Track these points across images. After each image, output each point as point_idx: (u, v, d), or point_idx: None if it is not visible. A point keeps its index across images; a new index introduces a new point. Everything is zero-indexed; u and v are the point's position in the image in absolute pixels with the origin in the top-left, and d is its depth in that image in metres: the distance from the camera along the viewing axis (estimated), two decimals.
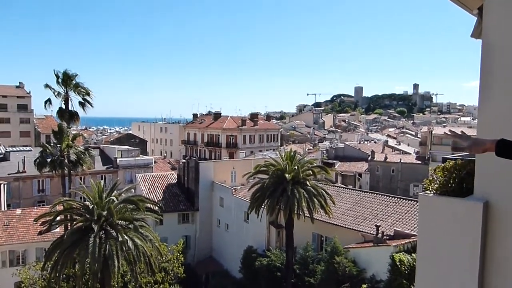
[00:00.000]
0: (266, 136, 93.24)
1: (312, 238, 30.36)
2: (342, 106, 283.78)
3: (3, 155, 54.84)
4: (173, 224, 41.88)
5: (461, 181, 4.86)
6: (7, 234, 36.79)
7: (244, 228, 38.15)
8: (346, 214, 29.73)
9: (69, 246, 21.68)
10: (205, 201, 43.39)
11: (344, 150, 73.38)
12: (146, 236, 23.47)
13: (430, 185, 5.24)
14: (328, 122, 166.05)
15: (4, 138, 75.66)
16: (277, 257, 30.62)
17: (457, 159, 5.30)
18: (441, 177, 5.10)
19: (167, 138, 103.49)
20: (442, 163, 5.41)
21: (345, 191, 34.09)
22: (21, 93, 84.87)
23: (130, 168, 59.70)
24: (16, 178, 51.62)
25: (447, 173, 5.08)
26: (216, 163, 48.43)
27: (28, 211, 40.48)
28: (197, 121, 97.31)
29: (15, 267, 33.56)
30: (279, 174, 28.20)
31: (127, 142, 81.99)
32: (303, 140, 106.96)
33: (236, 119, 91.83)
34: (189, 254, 40.02)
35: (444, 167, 5.21)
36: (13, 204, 48.92)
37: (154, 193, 43.93)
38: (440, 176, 5.14)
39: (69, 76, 35.95)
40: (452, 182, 4.90)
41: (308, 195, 26.98)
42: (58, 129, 36.73)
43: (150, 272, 24.21)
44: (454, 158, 5.39)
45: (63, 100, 36.21)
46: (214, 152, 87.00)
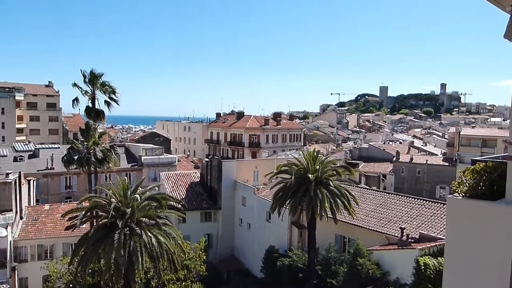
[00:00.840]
0: (289, 135, 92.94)
1: (335, 239, 30.04)
2: (366, 106, 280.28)
3: (32, 152, 56.52)
4: (196, 222, 42.24)
5: (492, 184, 4.70)
6: (36, 228, 37.91)
7: (266, 227, 38.13)
8: (369, 215, 29.31)
9: (95, 241, 22.15)
10: (228, 200, 43.58)
11: (368, 150, 72.42)
12: (170, 233, 23.73)
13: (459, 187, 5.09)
14: (352, 122, 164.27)
15: (34, 136, 78.16)
16: (299, 257, 30.45)
17: (487, 161, 5.12)
18: (471, 179, 4.94)
19: (191, 137, 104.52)
20: (472, 165, 5.25)
21: (368, 192, 33.60)
22: (50, 92, 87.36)
23: (154, 166, 60.55)
24: (45, 174, 53.11)
25: (477, 175, 4.91)
26: (238, 162, 48.58)
27: (55, 206, 41.61)
28: (220, 120, 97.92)
29: (43, 261, 34.56)
30: (301, 174, 28.01)
31: (152, 140, 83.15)
32: (326, 140, 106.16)
33: (259, 118, 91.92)
34: (211, 252, 40.29)
35: (473, 169, 5.04)
36: (41, 199, 50.35)
37: (178, 191, 44.42)
38: (469, 178, 4.98)
39: (95, 75, 36.63)
40: (482, 185, 4.74)
41: (331, 196, 26.70)
42: (85, 127, 37.52)
43: (173, 269, 24.47)
44: (484, 160, 5.21)
45: (90, 99, 36.94)
46: (236, 151, 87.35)
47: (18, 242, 36.08)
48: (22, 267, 35.51)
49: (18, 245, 36.11)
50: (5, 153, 54.82)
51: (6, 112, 76.15)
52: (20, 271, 35.08)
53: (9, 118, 76.43)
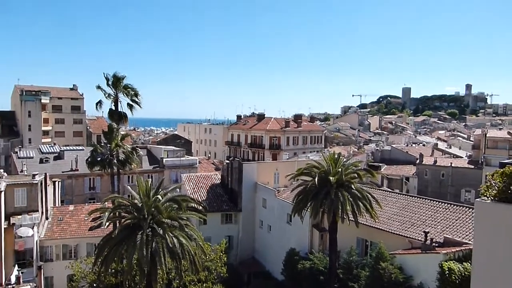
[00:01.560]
0: (310, 137, 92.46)
1: (356, 243, 29.63)
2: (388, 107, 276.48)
3: (58, 154, 57.90)
4: (217, 224, 42.39)
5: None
6: (61, 229, 38.76)
7: (287, 230, 37.97)
8: (392, 219, 28.82)
9: (118, 242, 22.46)
10: (248, 202, 43.61)
11: (391, 153, 71.42)
12: (191, 235, 23.87)
13: (487, 191, 4.94)
14: (374, 124, 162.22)
15: (59, 138, 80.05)
16: (320, 260, 30.20)
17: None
18: (500, 182, 4.78)
19: (211, 139, 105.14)
20: (500, 168, 5.09)
21: (391, 195, 33.04)
22: (75, 95, 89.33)
23: (175, 168, 61.16)
24: (69, 176, 54.31)
25: (506, 178, 4.76)
26: (259, 164, 48.54)
27: (80, 207, 42.47)
28: (241, 123, 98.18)
29: (68, 261, 35.29)
30: (322, 177, 27.77)
31: (173, 142, 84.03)
32: (348, 142, 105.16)
33: (279, 120, 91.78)
34: (231, 254, 40.35)
35: (503, 172, 4.88)
36: (66, 200, 51.50)
37: (198, 193, 44.70)
38: (498, 181, 4.83)
39: (118, 78, 37.23)
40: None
41: (352, 199, 26.38)
42: (108, 129, 38.20)
43: (194, 270, 24.59)
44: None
45: (113, 102, 37.56)
46: (257, 153, 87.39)
47: (44, 241, 36.95)
48: (47, 266, 36.33)
49: (44, 245, 36.98)
50: (32, 154, 56.35)
51: (32, 115, 78.21)
52: (45, 270, 35.89)
53: (35, 120, 78.49)
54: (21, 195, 34.81)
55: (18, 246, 33.65)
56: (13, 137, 75.83)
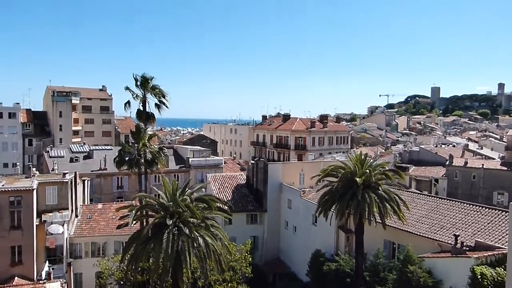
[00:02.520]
0: (336, 138, 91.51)
1: (384, 245, 29.08)
2: (417, 107, 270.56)
3: (87, 153, 59.36)
4: (242, 224, 42.47)
5: None
6: (90, 226, 39.67)
7: (312, 231, 37.66)
8: (420, 221, 28.12)
9: (144, 240, 22.80)
10: (273, 203, 43.50)
11: (419, 153, 69.78)
12: (216, 234, 23.98)
13: None
14: (402, 124, 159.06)
15: (88, 138, 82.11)
16: (346, 262, 29.79)
17: None
18: None
19: (237, 139, 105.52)
20: None
21: (419, 197, 32.25)
22: (104, 96, 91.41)
23: (201, 168, 61.68)
24: (98, 175, 55.57)
25: None
26: (284, 165, 48.38)
27: (108, 206, 43.37)
28: (266, 123, 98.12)
29: (96, 258, 36.12)
30: (349, 178, 27.38)
31: (199, 142, 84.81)
32: (375, 143, 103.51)
33: (305, 120, 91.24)
34: (256, 255, 40.34)
35: None
36: (95, 199, 52.73)
37: (224, 193, 44.91)
38: None
39: (146, 79, 37.72)
40: None
41: (379, 200, 25.88)
42: (136, 129, 38.78)
43: (219, 270, 24.71)
44: None
45: (141, 102, 38.11)
46: (282, 154, 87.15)
47: (73, 239, 37.91)
48: (77, 263, 37.26)
49: (73, 242, 37.95)
50: (63, 154, 57.97)
51: (63, 115, 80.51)
52: (75, 267, 36.79)
53: (66, 120, 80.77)
54: (52, 193, 35.83)
55: (49, 243, 34.63)
56: (45, 136, 78.29)
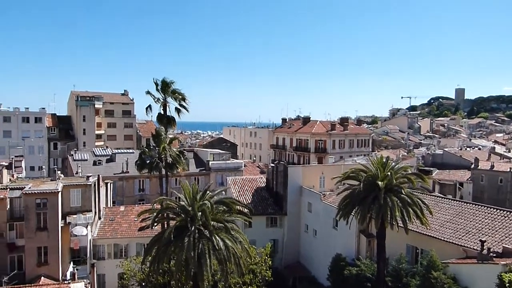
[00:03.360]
0: (357, 141, 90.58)
1: (406, 250, 28.54)
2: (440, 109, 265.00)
3: (110, 157, 60.36)
4: (262, 227, 42.40)
5: None
6: (113, 228, 40.26)
7: (333, 235, 37.28)
8: (444, 226, 27.50)
9: (166, 243, 22.97)
10: (293, 206, 43.28)
11: (443, 157, 68.44)
12: (236, 237, 23.99)
13: None
14: (425, 127, 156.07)
15: (111, 141, 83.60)
16: (367, 267, 29.37)
17: None
18: None
19: (257, 142, 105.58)
20: None
21: (443, 201, 31.55)
22: (126, 100, 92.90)
23: (221, 171, 61.92)
24: (120, 177, 56.41)
25: None
26: (304, 168, 48.11)
27: (130, 208, 43.95)
28: (286, 126, 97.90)
29: (119, 259, 36.62)
30: (370, 181, 26.99)
31: (219, 145, 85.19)
32: (397, 146, 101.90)
33: (325, 123, 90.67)
34: (276, 258, 40.19)
35: None
36: (117, 201, 53.50)
37: (244, 196, 44.94)
38: None
39: (167, 83, 38.21)
40: None
41: (402, 204, 25.43)
42: (156, 133, 39.25)
43: (239, 273, 24.69)
44: None
45: (162, 106, 38.59)
46: (302, 157, 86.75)
47: (96, 240, 38.54)
48: (100, 264, 37.86)
49: (96, 244, 38.57)
50: (86, 157, 59.11)
51: (87, 119, 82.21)
52: (98, 268, 37.42)
53: (89, 124, 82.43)
54: (76, 195, 36.53)
55: (73, 244, 35.31)
56: (69, 140, 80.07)
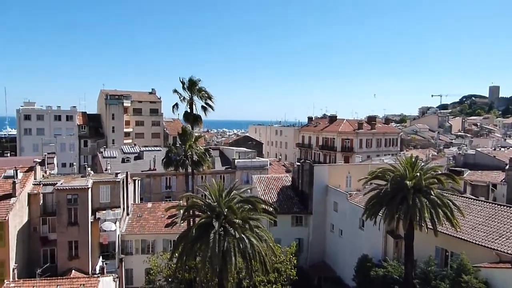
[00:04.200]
0: (384, 140, 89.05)
1: (435, 252, 27.86)
2: (473, 108, 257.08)
3: (138, 154, 61.49)
4: (287, 226, 42.27)
5: None
6: (140, 224, 41.01)
7: (359, 235, 36.80)
8: (476, 228, 26.67)
9: (192, 240, 23.23)
10: (319, 205, 42.96)
11: (475, 157, 66.22)
12: (261, 236, 24.02)
13: None
14: (456, 126, 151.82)
15: (139, 139, 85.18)
16: (394, 268, 28.85)
17: None
18: None
19: (282, 140, 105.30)
20: None
21: (475, 203, 30.61)
22: (153, 99, 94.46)
23: (246, 169, 62.08)
24: (148, 175, 57.38)
25: None
26: (330, 167, 47.64)
27: (157, 205, 44.66)
28: (312, 124, 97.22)
29: (146, 255, 37.30)
30: (398, 181, 26.48)
31: (244, 144, 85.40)
32: (426, 145, 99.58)
33: (352, 122, 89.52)
34: (301, 257, 40.01)
35: None
36: (145, 198, 54.44)
37: (269, 194, 44.92)
38: None
39: (193, 81, 38.56)
40: None
41: (431, 205, 24.82)
42: (183, 131, 39.67)
43: (264, 271, 24.70)
44: None
45: (188, 104, 38.98)
46: (328, 156, 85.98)
47: (125, 236, 39.34)
48: (128, 259, 38.64)
49: (124, 239, 39.37)
50: (115, 154, 60.43)
51: (116, 118, 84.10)
52: (126, 263, 38.21)
53: (118, 123, 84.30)
54: (105, 192, 37.41)
55: (102, 239, 36.20)
56: (99, 138, 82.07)
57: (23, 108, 78.37)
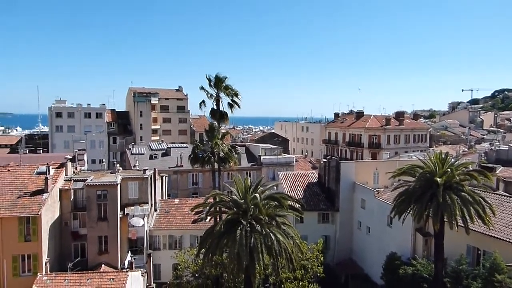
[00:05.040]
0: (413, 136, 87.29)
1: (467, 251, 27.10)
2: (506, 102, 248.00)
3: (165, 151, 62.39)
4: (313, 223, 42.04)
5: None
6: (168, 220, 41.60)
7: (387, 232, 36.21)
8: (510, 226, 25.78)
9: (219, 236, 23.41)
10: (346, 202, 42.51)
11: (508, 153, 64.09)
12: (288, 232, 23.97)
13: None
14: (488, 121, 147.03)
15: (166, 136, 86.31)
16: (424, 267, 28.27)
17: None
18: None
19: (308, 137, 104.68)
20: None
21: (509, 200, 29.58)
22: (180, 96, 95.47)
23: (272, 166, 62.04)
24: (175, 171, 58.14)
25: None
26: (358, 164, 47.02)
27: (184, 201, 45.18)
28: (338, 120, 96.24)
29: (173, 250, 37.82)
30: (428, 178, 25.89)
31: (270, 140, 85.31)
32: (456, 141, 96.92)
33: (379, 118, 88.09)
34: (328, 254, 39.72)
35: None
36: (172, 194, 55.21)
37: (295, 191, 44.76)
38: None
39: (220, 79, 38.73)
40: None
41: (462, 202, 24.15)
42: (209, 128, 39.95)
43: (290, 268, 24.69)
44: None
45: (215, 101, 39.21)
46: (355, 152, 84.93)
47: (152, 231, 40.01)
48: (155, 254, 39.26)
49: (152, 234, 40.04)
50: (143, 151, 61.49)
51: (143, 115, 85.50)
52: (154, 258, 38.81)
53: (146, 120, 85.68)
54: (133, 188, 38.11)
55: (131, 235, 36.92)
56: (127, 135, 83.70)
57: (55, 106, 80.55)
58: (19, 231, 30.38)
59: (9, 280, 30.04)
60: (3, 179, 33.21)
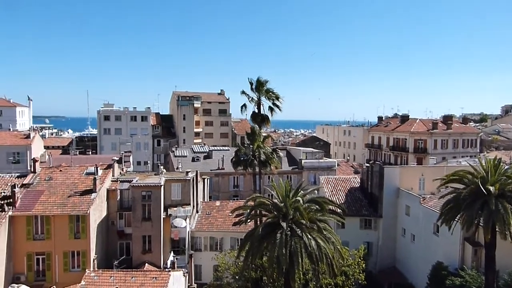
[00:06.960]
0: (462, 141, 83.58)
1: None
2: None
3: (207, 154, 63.31)
4: (355, 228, 41.16)
5: None
6: (209, 222, 42.15)
7: (433, 241, 34.81)
8: None
9: (259, 239, 23.39)
10: (389, 208, 41.30)
11: None
12: (329, 238, 23.59)
13: None
14: None
15: (208, 139, 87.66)
16: (473, 278, 26.95)
17: None
18: None
19: (350, 141, 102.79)
20: None
21: None
22: (222, 99, 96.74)
23: (313, 170, 61.43)
24: (216, 174, 58.84)
25: None
26: (402, 169, 45.56)
27: (225, 203, 45.63)
28: (382, 124, 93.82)
29: (214, 252, 38.24)
30: (478, 184, 24.65)
31: (312, 144, 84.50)
32: (510, 147, 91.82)
33: (426, 122, 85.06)
34: (370, 261, 38.72)
35: None
36: (213, 196, 55.90)
37: (337, 196, 44.02)
38: None
39: (261, 82, 38.84)
40: None
41: None
42: (251, 131, 40.11)
43: (331, 274, 24.24)
44: None
45: (256, 105, 39.33)
46: (400, 157, 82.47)
47: (194, 233, 40.65)
48: (197, 255, 39.87)
49: (194, 236, 40.69)
50: (186, 154, 62.72)
51: (186, 118, 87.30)
52: (195, 259, 39.42)
53: (189, 123, 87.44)
54: (176, 189, 38.82)
55: (173, 235, 37.67)
56: (171, 137, 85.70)
57: (103, 109, 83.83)
58: (70, 229, 31.78)
59: (60, 275, 31.49)
60: (56, 179, 34.89)
